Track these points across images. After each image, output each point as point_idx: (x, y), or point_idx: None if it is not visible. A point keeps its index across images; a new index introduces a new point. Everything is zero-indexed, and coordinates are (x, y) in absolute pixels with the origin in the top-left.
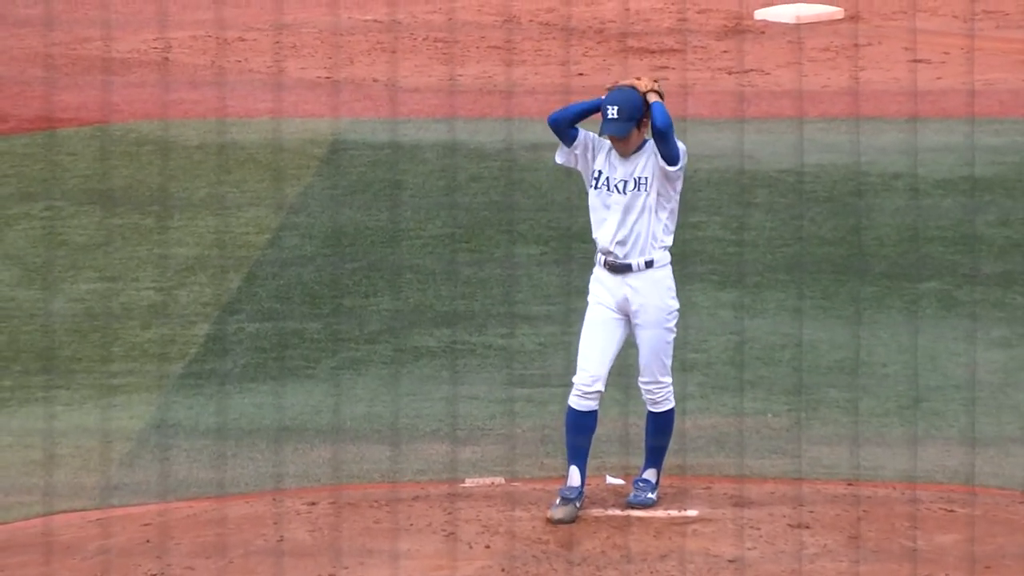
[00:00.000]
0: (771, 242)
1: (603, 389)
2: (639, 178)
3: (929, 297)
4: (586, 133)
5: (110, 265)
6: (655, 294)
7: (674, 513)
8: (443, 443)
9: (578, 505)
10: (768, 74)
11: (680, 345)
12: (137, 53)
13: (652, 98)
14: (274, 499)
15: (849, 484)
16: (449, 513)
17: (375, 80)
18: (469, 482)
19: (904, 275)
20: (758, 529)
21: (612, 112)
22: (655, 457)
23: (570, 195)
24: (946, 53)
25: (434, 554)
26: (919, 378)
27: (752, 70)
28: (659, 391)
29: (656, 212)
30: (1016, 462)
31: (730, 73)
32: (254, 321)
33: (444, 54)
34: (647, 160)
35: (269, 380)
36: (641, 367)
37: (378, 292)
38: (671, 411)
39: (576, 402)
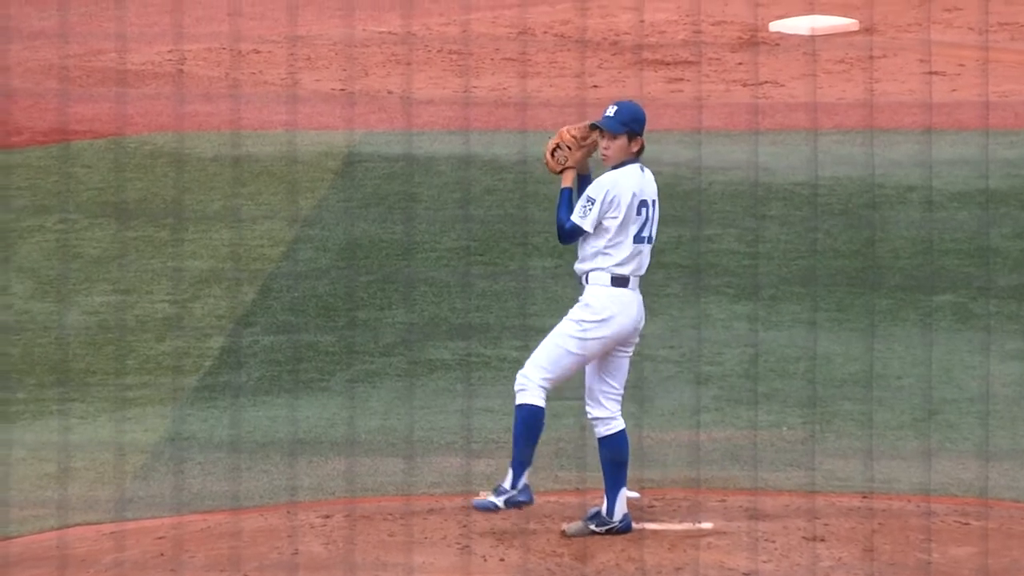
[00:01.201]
0: (786, 254)
1: (589, 410)
2: None
3: (944, 310)
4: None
5: (124, 278)
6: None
7: (689, 526)
8: (457, 456)
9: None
10: (783, 86)
11: (694, 358)
12: (151, 65)
13: (565, 177)
14: (288, 512)
15: (864, 497)
16: (464, 526)
17: (390, 92)
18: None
19: (919, 287)
20: (773, 542)
21: (610, 110)
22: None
23: None
24: (961, 65)
25: (449, 567)
26: (934, 391)
27: (767, 82)
28: (519, 380)
29: (592, 239)
30: None
31: (744, 85)
32: (268, 334)
33: (459, 66)
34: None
35: (283, 393)
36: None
37: (393, 305)
38: (524, 406)
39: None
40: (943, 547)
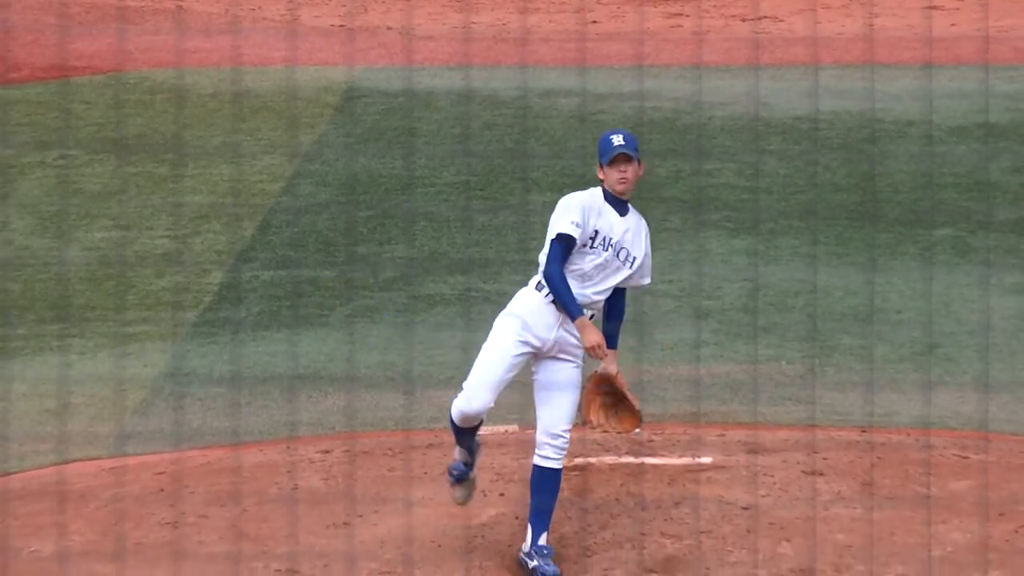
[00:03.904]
0: (785, 189)
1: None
2: (630, 255)
3: (943, 244)
4: (583, 221)
5: (124, 213)
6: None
7: (688, 460)
8: (457, 391)
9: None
10: (782, 21)
11: (694, 292)
12: (151, 1)
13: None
14: (288, 447)
15: (863, 431)
16: None
17: (389, 28)
18: (483, 430)
19: (918, 222)
20: (772, 476)
21: (618, 139)
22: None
23: (584, 142)
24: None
25: (448, 501)
26: (933, 324)
27: (766, 17)
28: (563, 445)
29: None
30: None
31: (744, 20)
32: (268, 269)
33: (459, 2)
34: (643, 240)
35: (283, 328)
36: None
37: (392, 240)
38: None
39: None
40: (942, 480)
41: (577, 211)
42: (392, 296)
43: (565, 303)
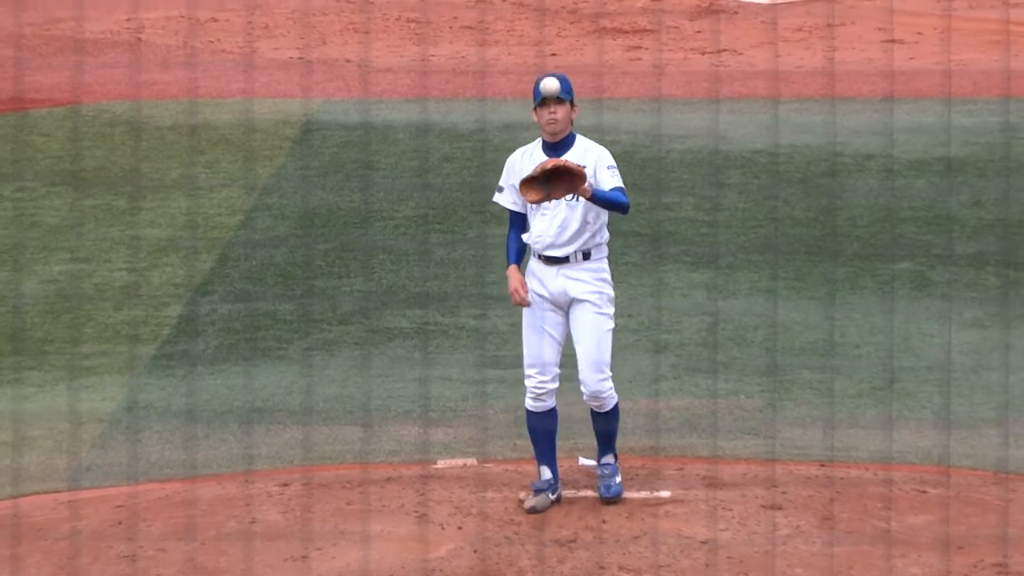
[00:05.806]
0: (744, 223)
1: (556, 384)
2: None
3: (902, 278)
4: (509, 184)
5: (82, 246)
6: (591, 284)
7: (647, 494)
8: (415, 424)
9: (552, 496)
10: (741, 54)
11: (653, 326)
12: (109, 33)
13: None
14: (246, 481)
15: (822, 465)
16: (421, 494)
17: (347, 60)
18: (441, 463)
19: (878, 256)
20: (731, 510)
21: (551, 81)
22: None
23: None
24: (919, 33)
25: (406, 536)
26: (893, 359)
27: (725, 50)
28: (607, 388)
29: (602, 213)
30: (989, 443)
31: (703, 53)
32: (226, 302)
33: (417, 34)
34: (591, 167)
35: (241, 361)
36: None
37: (350, 273)
38: (616, 406)
39: (531, 404)
40: (901, 515)
41: (504, 174)
42: (350, 329)
43: (506, 255)
